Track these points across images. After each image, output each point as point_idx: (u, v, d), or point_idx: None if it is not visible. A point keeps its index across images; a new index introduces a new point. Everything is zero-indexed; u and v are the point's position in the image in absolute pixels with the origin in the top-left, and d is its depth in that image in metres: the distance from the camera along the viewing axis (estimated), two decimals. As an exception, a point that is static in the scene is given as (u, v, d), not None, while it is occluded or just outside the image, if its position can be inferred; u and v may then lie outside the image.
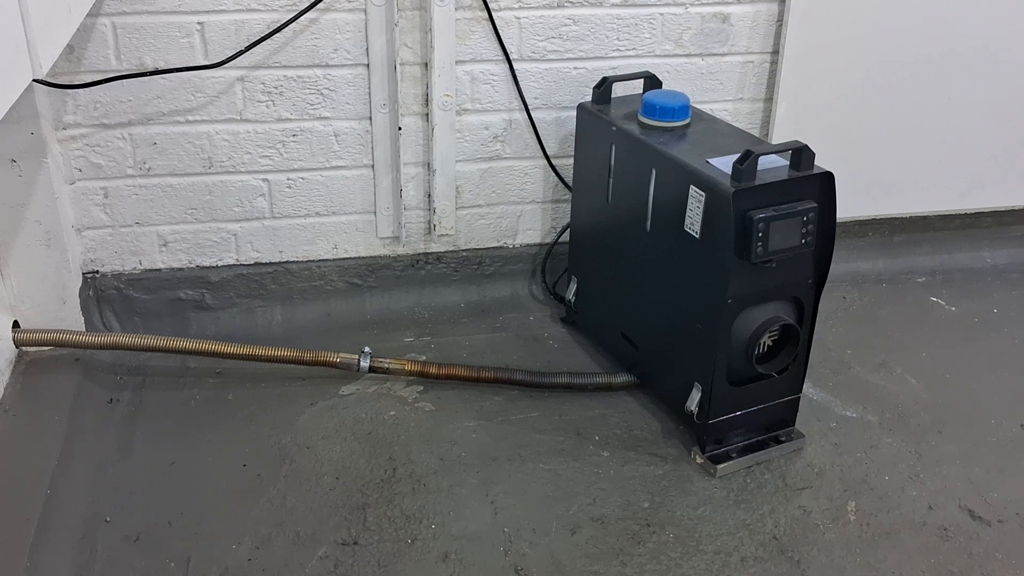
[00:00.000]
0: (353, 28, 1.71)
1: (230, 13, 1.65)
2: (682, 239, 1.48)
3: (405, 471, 1.52)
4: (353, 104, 1.78)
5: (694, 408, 1.54)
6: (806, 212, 1.41)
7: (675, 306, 1.56)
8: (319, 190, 1.84)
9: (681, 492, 1.50)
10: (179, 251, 1.84)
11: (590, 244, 1.80)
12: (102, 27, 1.62)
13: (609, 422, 1.65)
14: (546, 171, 1.93)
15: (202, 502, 1.44)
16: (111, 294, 1.83)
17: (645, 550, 1.39)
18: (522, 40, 1.81)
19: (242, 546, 1.37)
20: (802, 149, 1.42)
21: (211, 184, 1.79)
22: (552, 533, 1.41)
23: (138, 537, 1.38)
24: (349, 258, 1.92)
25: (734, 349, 1.46)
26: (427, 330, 1.90)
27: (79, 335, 1.70)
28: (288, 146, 1.79)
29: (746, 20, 1.90)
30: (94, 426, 1.58)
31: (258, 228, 1.85)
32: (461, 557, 1.36)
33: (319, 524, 1.41)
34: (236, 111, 1.73)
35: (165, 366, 1.74)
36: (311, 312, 1.92)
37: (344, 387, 1.71)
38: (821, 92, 1.96)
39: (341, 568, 1.34)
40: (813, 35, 1.91)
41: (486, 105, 1.85)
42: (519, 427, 1.63)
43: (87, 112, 1.67)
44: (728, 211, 1.38)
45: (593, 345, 1.85)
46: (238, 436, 1.58)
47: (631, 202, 1.60)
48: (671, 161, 1.50)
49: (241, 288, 1.89)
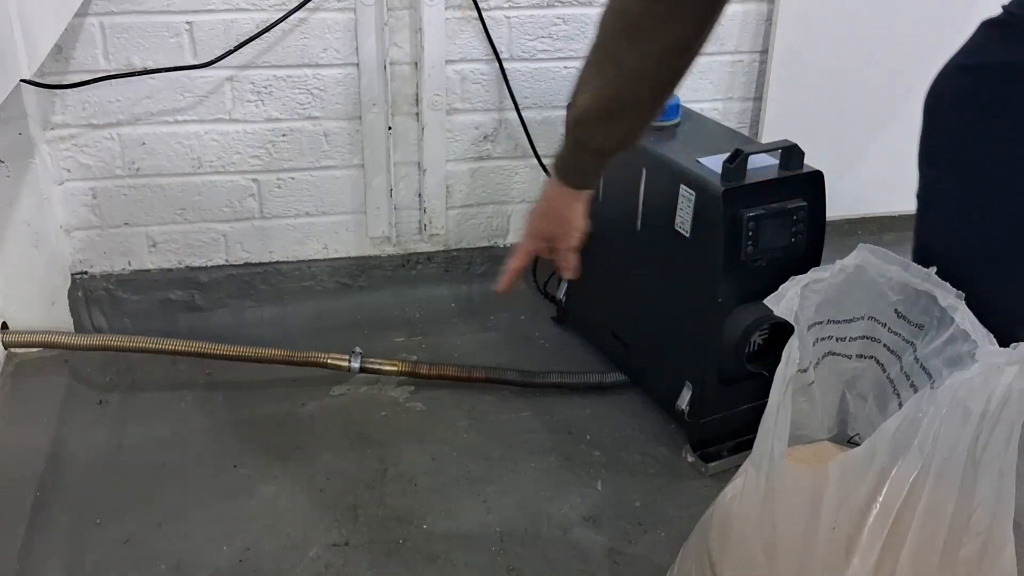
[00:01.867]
0: (343, 28, 1.71)
1: (219, 13, 1.65)
2: (672, 238, 1.48)
3: (396, 471, 1.52)
4: (343, 104, 1.77)
5: (685, 407, 1.54)
6: (796, 211, 1.42)
7: (666, 305, 1.56)
8: (309, 190, 1.84)
9: (672, 491, 1.50)
10: (168, 252, 1.83)
11: (580, 243, 1.80)
12: (90, 27, 1.61)
13: (600, 421, 1.65)
14: (536, 170, 1.93)
15: (192, 504, 1.44)
16: (100, 295, 1.82)
17: (637, 549, 1.39)
18: (512, 39, 1.81)
19: (232, 548, 1.36)
20: (792, 148, 1.43)
21: (200, 184, 1.78)
22: (544, 533, 1.41)
23: (128, 539, 1.37)
24: (339, 258, 1.92)
25: (725, 348, 1.47)
26: (418, 330, 1.90)
27: (68, 336, 1.69)
28: (278, 146, 1.78)
29: (735, 20, 1.91)
30: (83, 427, 1.58)
31: (248, 228, 1.85)
32: (453, 557, 1.36)
33: (310, 525, 1.41)
34: (225, 111, 1.73)
35: (155, 367, 1.73)
36: (301, 312, 1.91)
37: (335, 387, 1.71)
38: (810, 91, 1.97)
39: (332, 569, 1.33)
40: (802, 35, 1.91)
41: (476, 105, 1.84)
42: (510, 427, 1.63)
43: (75, 112, 1.66)
44: (718, 210, 1.38)
45: (584, 344, 1.85)
46: (228, 437, 1.58)
47: (621, 201, 1.60)
48: (661, 160, 1.50)
49: (231, 289, 1.88)
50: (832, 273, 1.07)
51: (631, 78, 0.98)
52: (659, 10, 0.94)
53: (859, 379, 1.17)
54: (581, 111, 1.01)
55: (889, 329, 1.12)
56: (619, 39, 0.96)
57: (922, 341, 1.07)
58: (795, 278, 1.05)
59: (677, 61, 0.99)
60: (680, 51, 0.98)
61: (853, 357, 1.16)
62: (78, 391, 1.66)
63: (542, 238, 1.17)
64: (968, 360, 0.97)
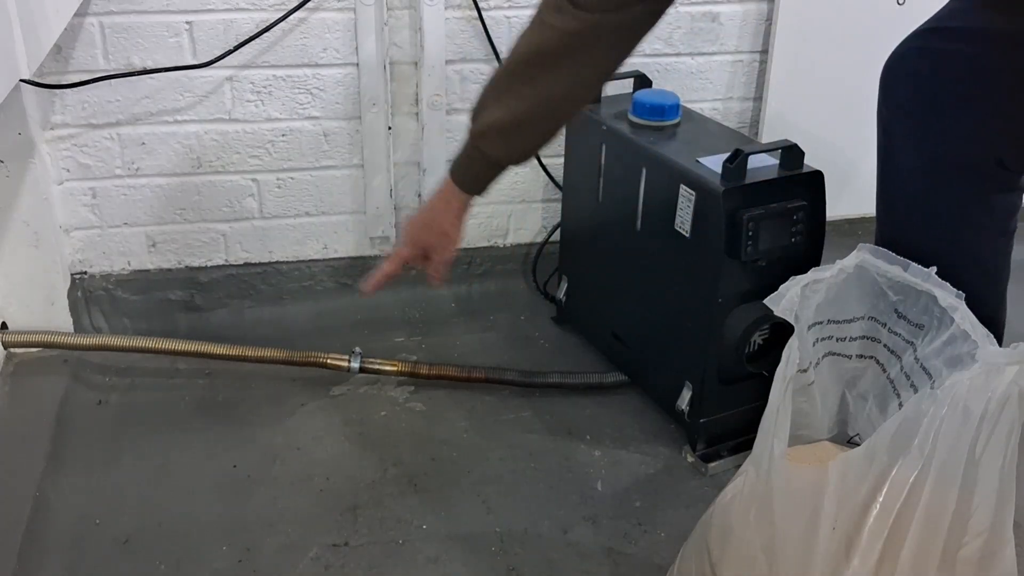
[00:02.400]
0: (342, 27, 1.71)
1: (219, 12, 1.64)
2: (672, 238, 1.48)
3: (396, 472, 1.52)
4: (343, 104, 1.77)
5: (685, 407, 1.54)
6: (796, 211, 1.42)
7: (666, 305, 1.56)
8: (309, 190, 1.84)
9: (672, 491, 1.50)
10: (168, 252, 1.83)
11: (581, 243, 1.80)
12: (90, 27, 1.61)
13: (600, 421, 1.65)
14: (536, 170, 1.93)
15: (192, 504, 1.44)
16: (100, 295, 1.82)
17: (637, 549, 1.39)
18: (512, 40, 1.79)
19: (232, 548, 1.36)
20: (791, 148, 1.43)
21: (200, 184, 1.78)
22: (544, 533, 1.41)
23: (128, 540, 1.37)
24: (339, 258, 1.92)
25: (724, 348, 1.46)
26: (418, 330, 1.89)
27: (68, 336, 1.69)
28: (277, 146, 1.78)
29: (735, 19, 1.91)
30: (83, 428, 1.58)
31: (247, 228, 1.85)
32: (453, 558, 1.36)
33: (309, 526, 1.41)
34: (225, 111, 1.73)
35: (154, 367, 1.73)
36: (301, 312, 1.91)
37: (334, 388, 1.71)
38: (810, 91, 1.97)
39: (332, 570, 1.33)
40: (802, 34, 1.91)
41: (476, 105, 1.84)
42: (510, 427, 1.63)
43: (75, 112, 1.66)
44: (718, 210, 1.38)
45: (584, 344, 1.85)
46: (228, 437, 1.58)
47: (621, 201, 1.60)
48: (661, 160, 1.50)
49: (230, 289, 1.88)
50: (832, 273, 1.07)
51: (544, 99, 1.04)
52: (577, 46, 1.01)
53: (859, 379, 1.17)
54: (489, 124, 1.08)
55: (889, 329, 1.12)
56: (536, 66, 1.03)
57: (922, 341, 1.07)
58: (795, 278, 1.05)
59: (593, 88, 1.06)
60: (597, 79, 1.07)
61: (853, 357, 1.16)
62: (77, 391, 1.66)
63: (419, 247, 1.23)
64: (968, 360, 0.97)
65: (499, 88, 1.08)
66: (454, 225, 1.20)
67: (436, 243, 1.22)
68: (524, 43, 1.04)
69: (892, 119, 1.13)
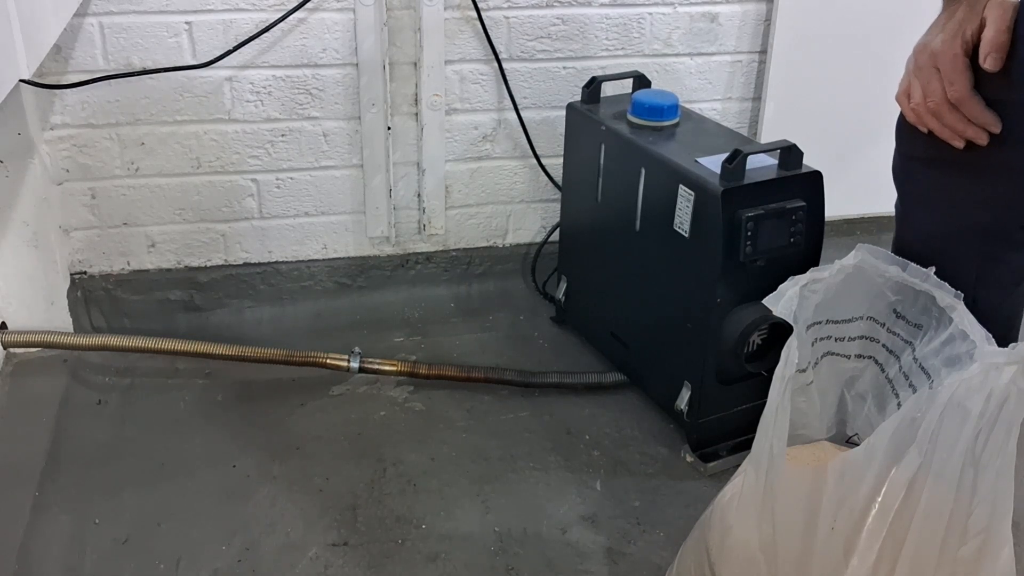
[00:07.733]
0: (342, 28, 1.71)
1: (218, 13, 1.65)
2: (671, 238, 1.48)
3: (395, 471, 1.52)
4: (342, 104, 1.77)
5: (684, 407, 1.54)
6: (795, 211, 1.42)
7: (665, 305, 1.56)
8: (308, 190, 1.84)
9: (671, 491, 1.50)
10: (167, 252, 1.83)
11: (580, 243, 1.80)
12: (89, 27, 1.61)
13: (599, 421, 1.65)
14: (535, 171, 1.93)
15: (191, 503, 1.44)
16: (99, 295, 1.82)
17: (636, 549, 1.39)
18: (511, 40, 1.81)
19: (232, 547, 1.36)
20: (790, 148, 1.43)
21: (199, 184, 1.78)
22: (543, 533, 1.41)
23: (127, 539, 1.37)
24: (338, 258, 1.92)
25: (723, 348, 1.47)
26: (417, 330, 1.90)
27: (67, 336, 1.69)
28: (277, 146, 1.78)
29: (734, 20, 1.91)
30: (82, 428, 1.58)
31: (247, 228, 1.85)
32: (452, 557, 1.36)
33: (309, 525, 1.41)
34: (224, 111, 1.73)
35: (154, 367, 1.73)
36: (300, 312, 1.91)
37: (334, 388, 1.71)
38: (809, 91, 1.97)
39: (331, 569, 1.33)
40: (801, 35, 1.91)
41: (475, 105, 1.84)
42: (509, 427, 1.63)
43: (74, 112, 1.66)
44: (717, 210, 1.38)
45: (583, 344, 1.85)
46: (227, 437, 1.58)
47: (620, 201, 1.60)
48: (660, 160, 1.50)
49: (230, 289, 1.88)
50: (831, 273, 1.07)
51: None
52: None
53: (858, 379, 1.17)
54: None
55: (888, 329, 1.12)
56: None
57: (921, 341, 1.07)
58: (794, 278, 1.05)
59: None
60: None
61: (852, 357, 1.16)
62: (77, 391, 1.66)
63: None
64: (967, 360, 0.97)
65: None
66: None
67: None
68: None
69: (906, 171, 1.10)
